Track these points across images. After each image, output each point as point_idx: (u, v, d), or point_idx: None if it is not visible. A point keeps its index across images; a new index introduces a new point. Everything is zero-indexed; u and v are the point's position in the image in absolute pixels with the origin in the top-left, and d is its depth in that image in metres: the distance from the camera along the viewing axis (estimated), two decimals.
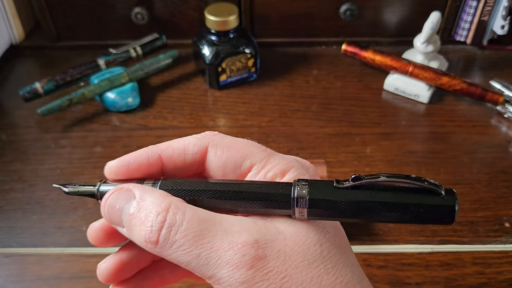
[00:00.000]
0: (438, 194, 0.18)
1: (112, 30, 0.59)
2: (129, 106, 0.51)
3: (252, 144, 0.21)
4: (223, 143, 0.21)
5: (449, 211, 0.18)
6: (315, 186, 0.19)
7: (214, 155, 0.21)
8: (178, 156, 0.21)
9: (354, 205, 0.18)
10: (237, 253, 0.18)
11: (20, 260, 0.37)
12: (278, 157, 0.21)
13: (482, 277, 0.35)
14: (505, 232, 0.39)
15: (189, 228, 0.18)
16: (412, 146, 0.47)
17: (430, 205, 0.18)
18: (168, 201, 0.19)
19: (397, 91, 0.53)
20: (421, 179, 0.18)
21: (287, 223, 0.19)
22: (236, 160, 0.21)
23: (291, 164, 0.20)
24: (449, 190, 0.18)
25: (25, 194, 0.43)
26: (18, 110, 0.52)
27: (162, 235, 0.18)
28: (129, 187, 0.20)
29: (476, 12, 0.56)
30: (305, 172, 0.21)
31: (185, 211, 0.18)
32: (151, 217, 0.18)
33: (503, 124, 0.50)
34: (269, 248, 0.18)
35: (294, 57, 0.59)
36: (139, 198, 0.19)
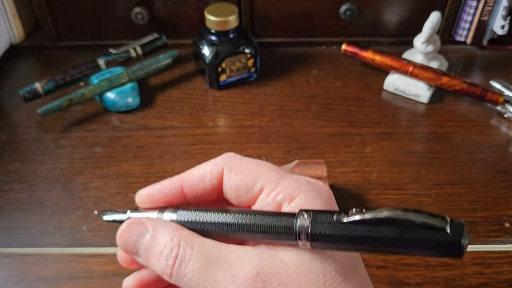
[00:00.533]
0: (443, 230, 0.17)
1: (112, 30, 0.59)
2: (129, 106, 0.51)
3: (264, 166, 0.22)
4: (237, 165, 0.22)
5: (455, 248, 0.17)
6: (317, 219, 0.19)
7: (228, 178, 0.22)
8: (198, 183, 0.22)
9: (356, 240, 0.18)
10: (238, 286, 0.18)
11: (19, 260, 0.37)
12: (290, 180, 0.21)
13: (482, 277, 0.35)
14: (505, 232, 0.39)
15: (196, 262, 0.19)
16: (412, 146, 0.47)
17: (434, 241, 0.17)
18: (179, 235, 0.20)
19: (397, 91, 0.53)
20: (425, 215, 0.17)
21: (292, 252, 0.19)
22: (248, 183, 0.21)
23: (302, 188, 0.21)
24: (457, 224, 0.17)
25: (25, 194, 0.43)
26: (18, 110, 0.52)
27: (175, 269, 0.20)
28: (143, 220, 0.22)
29: (476, 12, 0.56)
30: (316, 197, 0.21)
31: (194, 245, 0.20)
32: (165, 252, 0.20)
33: (503, 124, 0.49)
34: (269, 281, 0.18)
35: (294, 57, 0.59)
36: (152, 231, 0.21)
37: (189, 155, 0.46)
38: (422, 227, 0.17)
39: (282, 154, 0.46)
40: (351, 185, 0.43)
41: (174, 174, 0.47)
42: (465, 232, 0.17)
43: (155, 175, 0.44)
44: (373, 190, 0.42)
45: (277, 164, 0.45)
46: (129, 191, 0.43)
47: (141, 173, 0.44)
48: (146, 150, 0.47)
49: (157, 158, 0.46)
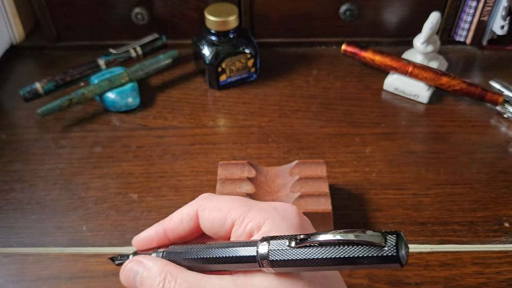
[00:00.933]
0: (380, 246, 0.18)
1: (112, 30, 0.59)
2: (129, 106, 0.51)
3: (233, 201, 0.24)
4: (209, 206, 0.25)
5: (393, 259, 0.18)
6: (273, 246, 0.21)
7: (203, 218, 0.25)
8: (178, 227, 0.26)
9: (309, 261, 0.20)
10: None
11: (19, 260, 0.37)
12: (256, 210, 0.23)
13: (482, 277, 0.35)
14: (505, 232, 0.39)
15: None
16: (412, 146, 0.47)
17: (373, 257, 0.18)
18: (166, 270, 0.23)
19: (396, 91, 0.53)
20: (364, 234, 0.19)
21: (264, 277, 0.22)
22: (220, 220, 0.24)
23: (267, 215, 0.23)
24: (391, 237, 0.18)
25: (24, 194, 0.43)
26: (18, 110, 0.52)
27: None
28: (139, 258, 0.25)
29: (475, 12, 0.56)
30: (281, 221, 0.22)
31: (177, 278, 0.23)
32: (155, 284, 0.23)
33: (503, 124, 0.50)
34: None
35: (294, 57, 0.59)
36: (145, 268, 0.24)
37: (189, 155, 0.46)
38: (362, 245, 0.19)
39: (282, 154, 0.46)
40: (351, 185, 0.43)
41: (174, 173, 0.47)
42: (401, 243, 0.18)
43: (155, 175, 0.44)
44: (373, 190, 0.42)
45: (277, 164, 0.45)
46: (129, 191, 0.43)
47: (141, 173, 0.44)
48: (146, 150, 0.47)
49: (157, 158, 0.46)
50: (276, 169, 0.41)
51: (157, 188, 0.43)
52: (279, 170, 0.41)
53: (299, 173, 0.39)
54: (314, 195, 0.37)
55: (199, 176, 0.44)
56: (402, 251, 0.18)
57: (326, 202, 0.37)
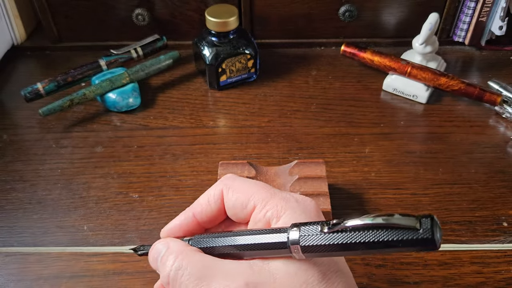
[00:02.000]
0: (414, 228, 0.18)
1: (113, 31, 0.60)
2: (130, 107, 0.51)
3: (257, 185, 0.24)
4: (234, 185, 0.25)
5: (428, 242, 0.18)
6: (304, 232, 0.21)
7: (226, 197, 0.25)
8: (206, 209, 0.26)
9: (340, 246, 0.20)
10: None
11: (20, 259, 0.37)
12: (278, 198, 0.23)
13: (480, 276, 0.36)
14: (503, 232, 0.39)
15: (192, 272, 0.22)
16: (411, 146, 0.47)
17: (409, 240, 0.18)
18: (182, 249, 0.24)
19: (395, 92, 0.54)
20: (397, 216, 0.19)
21: (281, 265, 0.22)
22: (242, 201, 0.24)
23: (288, 205, 0.23)
24: (426, 220, 0.18)
25: (26, 193, 0.43)
26: (19, 110, 0.52)
27: (171, 276, 0.23)
28: (167, 240, 0.25)
29: (474, 13, 0.56)
30: (302, 213, 0.23)
31: (192, 258, 0.23)
32: (168, 261, 0.23)
33: (501, 124, 0.50)
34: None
35: (293, 58, 0.59)
36: (167, 248, 0.25)
37: (189, 155, 0.46)
38: (396, 229, 0.19)
39: (281, 154, 0.46)
40: (350, 184, 0.43)
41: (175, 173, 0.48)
42: (435, 226, 0.18)
43: (156, 175, 0.44)
44: (371, 190, 0.42)
45: (277, 164, 0.45)
46: (130, 191, 0.43)
47: (142, 172, 0.45)
48: (147, 150, 0.47)
49: (158, 158, 0.46)
50: (275, 169, 0.41)
51: (157, 188, 0.43)
52: (278, 170, 0.41)
53: (299, 173, 0.39)
54: (314, 195, 0.38)
55: (199, 176, 0.44)
56: (437, 234, 0.18)
57: (325, 201, 0.37)
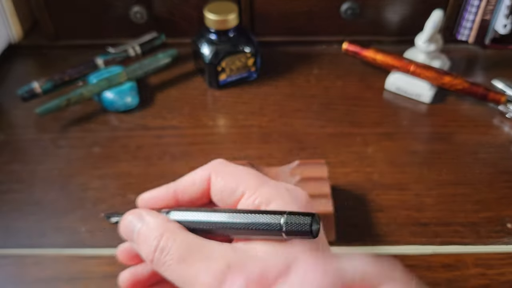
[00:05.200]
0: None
1: (110, 29, 0.59)
2: (128, 106, 0.51)
3: (247, 172, 0.24)
4: (223, 171, 0.24)
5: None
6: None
7: (214, 182, 0.24)
8: (189, 188, 0.25)
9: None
10: (209, 278, 0.20)
11: (17, 261, 0.37)
12: (269, 186, 0.23)
13: (484, 279, 0.35)
14: (507, 233, 0.38)
15: (175, 253, 0.22)
16: (414, 146, 0.47)
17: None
18: (164, 227, 0.23)
19: (398, 91, 0.53)
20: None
21: (264, 247, 0.22)
22: (231, 187, 0.24)
23: (279, 194, 0.23)
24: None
25: (23, 194, 0.42)
26: (16, 110, 0.52)
27: (155, 256, 0.22)
28: (140, 211, 0.24)
29: (478, 11, 0.55)
30: (291, 201, 0.23)
31: (176, 237, 0.22)
32: (150, 240, 0.23)
33: (506, 124, 0.49)
34: (238, 272, 0.20)
35: (294, 56, 0.59)
36: (145, 221, 0.24)
37: (188, 155, 0.46)
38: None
39: (282, 154, 0.46)
40: (353, 185, 0.42)
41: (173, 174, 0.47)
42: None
43: (154, 175, 0.44)
44: (374, 191, 0.42)
45: (278, 164, 0.45)
46: (128, 192, 0.42)
47: (140, 173, 0.44)
48: (145, 150, 0.47)
49: (156, 158, 0.46)
50: (276, 170, 0.40)
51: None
52: (279, 170, 0.40)
53: (300, 174, 0.39)
54: (315, 196, 0.37)
55: None
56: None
57: (327, 203, 0.37)
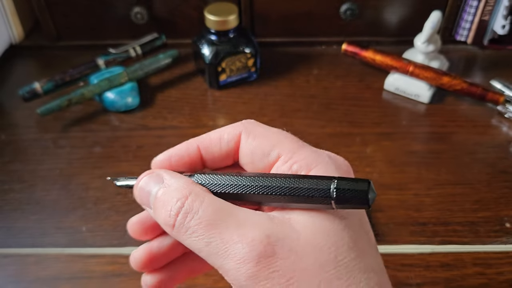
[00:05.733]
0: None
1: (111, 29, 0.59)
2: (129, 106, 0.51)
3: (283, 134, 0.21)
4: (255, 130, 0.21)
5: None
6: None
7: (245, 142, 0.21)
8: (215, 146, 0.22)
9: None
10: (245, 247, 0.17)
11: (19, 261, 0.37)
12: (308, 150, 0.20)
13: (483, 278, 0.35)
14: (506, 233, 0.38)
15: (203, 216, 0.18)
16: (413, 146, 0.47)
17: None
18: (190, 188, 0.19)
19: (397, 91, 0.53)
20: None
21: (305, 221, 0.18)
22: (264, 148, 0.21)
23: (320, 159, 0.20)
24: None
25: (24, 194, 0.42)
26: (17, 110, 0.52)
27: (178, 220, 0.19)
28: (159, 172, 0.21)
29: (477, 11, 0.56)
30: (335, 169, 0.20)
31: (204, 200, 0.19)
32: (171, 202, 0.19)
33: (504, 124, 0.49)
34: (279, 246, 0.17)
35: (294, 57, 0.59)
36: (166, 183, 0.20)
37: None
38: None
39: None
40: None
41: None
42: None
43: None
44: None
45: None
46: (129, 192, 0.42)
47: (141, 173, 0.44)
48: (145, 150, 0.47)
49: None
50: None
51: None
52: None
53: None
54: None
55: None
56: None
57: None
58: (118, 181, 0.23)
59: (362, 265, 0.18)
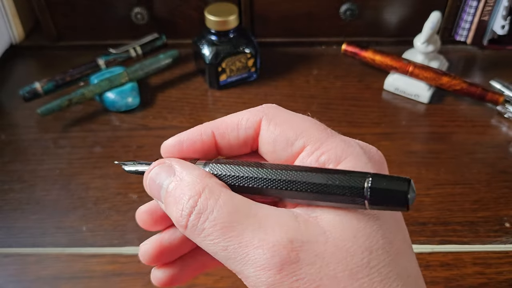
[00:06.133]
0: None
1: (112, 30, 0.59)
2: (129, 106, 0.51)
3: (309, 121, 0.19)
4: (278, 117, 0.19)
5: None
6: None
7: (266, 130, 0.19)
8: (231, 131, 0.20)
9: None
10: (266, 253, 0.16)
11: (19, 260, 0.37)
12: (337, 140, 0.18)
13: (482, 277, 0.35)
14: (505, 232, 0.39)
15: (219, 217, 0.17)
16: (412, 146, 0.47)
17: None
18: (204, 184, 0.17)
19: (397, 91, 0.53)
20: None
21: (334, 221, 0.16)
22: (288, 137, 0.18)
23: (351, 150, 0.18)
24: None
25: (24, 194, 0.43)
26: (17, 110, 0.52)
27: (190, 221, 0.17)
28: (171, 162, 0.19)
29: (476, 12, 0.56)
30: (367, 161, 0.18)
31: (219, 197, 0.17)
32: (183, 199, 0.17)
33: (503, 124, 0.49)
34: (304, 251, 0.15)
35: (294, 57, 0.59)
36: (178, 175, 0.18)
37: None
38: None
39: None
40: None
41: None
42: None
43: None
44: None
45: None
46: (129, 191, 0.43)
47: None
48: (146, 150, 0.47)
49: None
50: None
51: None
52: None
53: None
54: None
55: None
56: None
57: None
58: (126, 166, 0.22)
59: (398, 270, 0.16)
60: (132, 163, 0.22)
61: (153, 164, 0.20)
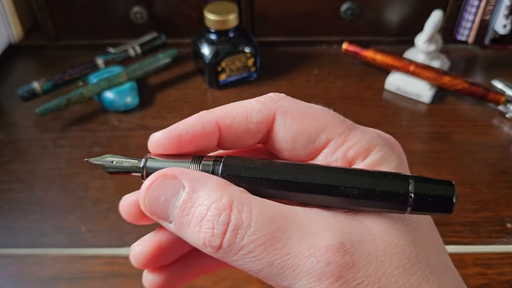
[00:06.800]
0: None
1: (111, 29, 0.59)
2: (128, 106, 0.51)
3: (328, 113, 0.18)
4: (294, 110, 0.17)
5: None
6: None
7: (282, 125, 0.17)
8: (239, 124, 0.17)
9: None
10: (320, 261, 0.14)
11: (18, 261, 0.37)
12: (360, 132, 0.17)
13: (484, 278, 0.35)
14: (507, 233, 0.38)
15: (259, 230, 0.14)
16: (414, 146, 0.47)
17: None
18: (230, 194, 0.15)
19: (398, 91, 0.53)
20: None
21: (372, 217, 0.15)
22: (309, 133, 0.17)
23: (375, 142, 0.17)
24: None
25: (23, 194, 0.42)
26: (16, 109, 0.52)
27: (226, 239, 0.15)
28: (175, 173, 0.16)
29: (478, 11, 0.56)
30: (391, 152, 0.17)
31: (251, 207, 0.15)
32: (211, 216, 0.15)
33: (505, 124, 0.49)
34: (357, 252, 0.14)
35: (294, 57, 0.59)
36: (191, 189, 0.15)
37: None
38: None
39: None
40: None
41: None
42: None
43: None
44: None
45: None
46: (128, 192, 0.42)
47: None
48: (145, 150, 0.46)
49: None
50: None
51: None
52: None
53: None
54: None
55: None
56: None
57: None
58: (111, 168, 0.18)
59: (442, 261, 0.16)
60: (111, 159, 0.18)
61: (151, 176, 0.16)
